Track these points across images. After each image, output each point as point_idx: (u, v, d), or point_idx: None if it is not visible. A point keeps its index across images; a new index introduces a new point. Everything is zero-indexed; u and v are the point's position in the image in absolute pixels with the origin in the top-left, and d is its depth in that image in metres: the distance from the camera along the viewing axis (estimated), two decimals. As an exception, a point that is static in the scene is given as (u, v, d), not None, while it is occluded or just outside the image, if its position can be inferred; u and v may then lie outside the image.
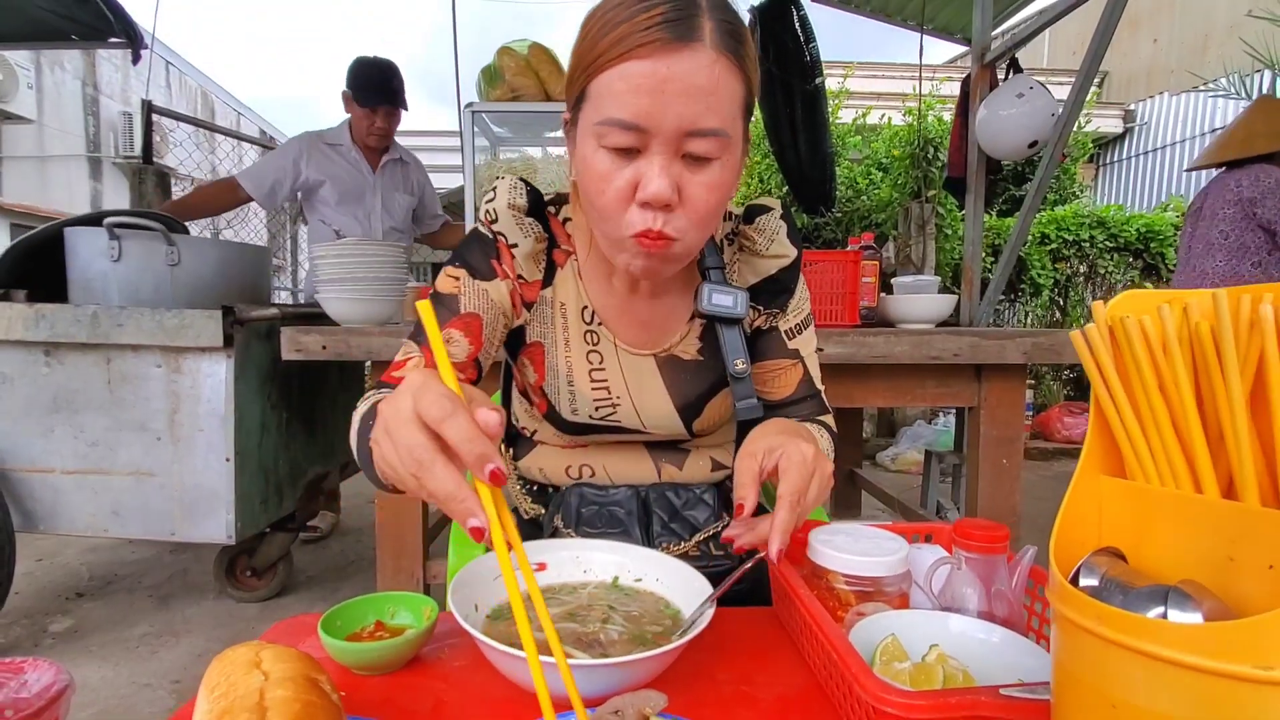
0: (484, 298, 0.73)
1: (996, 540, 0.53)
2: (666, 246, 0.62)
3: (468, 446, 0.40)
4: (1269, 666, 0.26)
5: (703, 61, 0.57)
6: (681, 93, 0.57)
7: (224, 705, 0.37)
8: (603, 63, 0.59)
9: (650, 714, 0.45)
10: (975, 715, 0.39)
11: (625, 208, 0.61)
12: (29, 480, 1.79)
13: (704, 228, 0.64)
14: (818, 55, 2.94)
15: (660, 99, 0.57)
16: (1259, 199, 2.18)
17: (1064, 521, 0.37)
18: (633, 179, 0.60)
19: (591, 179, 0.62)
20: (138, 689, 1.71)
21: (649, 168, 0.59)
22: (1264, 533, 0.30)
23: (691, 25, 0.57)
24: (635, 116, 0.57)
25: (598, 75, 0.59)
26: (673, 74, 0.57)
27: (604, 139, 0.60)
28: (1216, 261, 2.28)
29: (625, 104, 0.58)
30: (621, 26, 0.57)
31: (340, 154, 2.52)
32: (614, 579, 0.67)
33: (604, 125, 0.59)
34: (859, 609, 0.55)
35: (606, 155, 0.60)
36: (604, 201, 0.62)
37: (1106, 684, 0.30)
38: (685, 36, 0.57)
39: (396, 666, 0.57)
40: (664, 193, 0.59)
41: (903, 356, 1.63)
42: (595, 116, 0.60)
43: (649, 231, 0.61)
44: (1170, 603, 0.29)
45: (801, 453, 0.59)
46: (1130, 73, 8.85)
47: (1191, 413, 0.33)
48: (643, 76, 0.57)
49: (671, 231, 0.61)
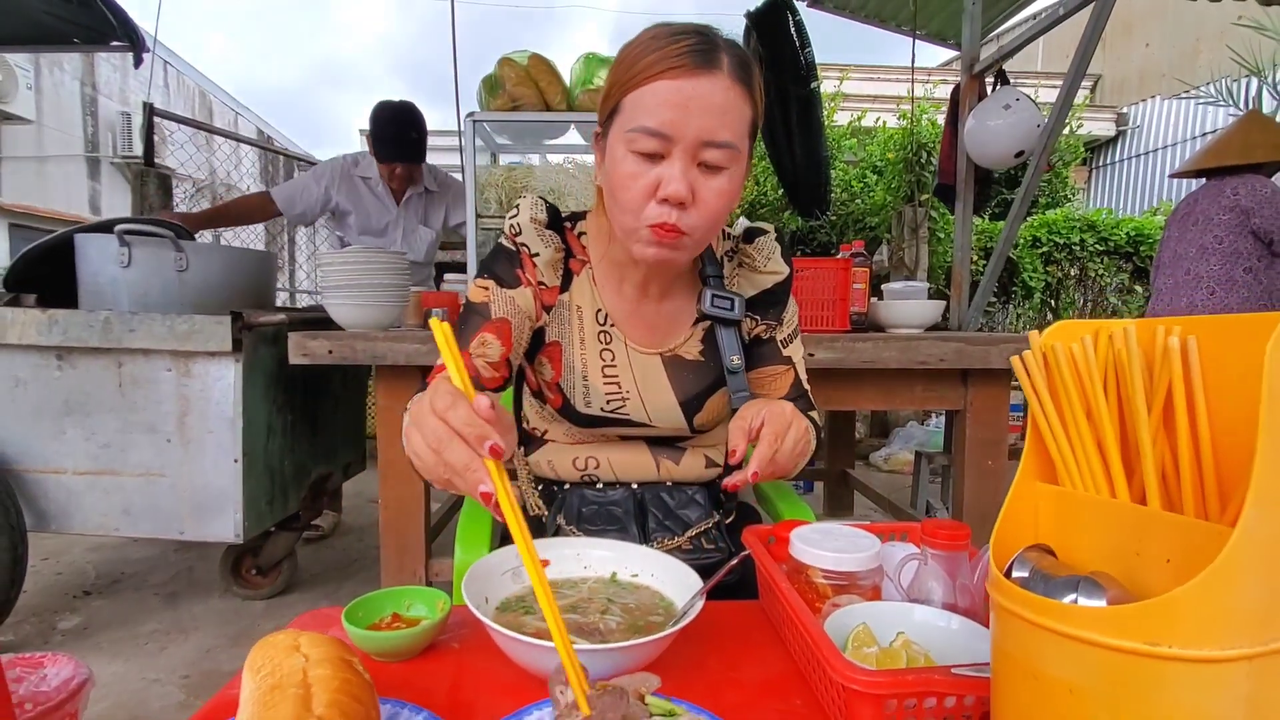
0: (511, 304, 0.83)
1: (959, 539, 0.59)
2: (678, 238, 0.72)
3: (468, 429, 0.47)
4: (1157, 643, 0.32)
5: (720, 85, 0.69)
6: (702, 109, 0.68)
7: (271, 682, 0.42)
8: (636, 81, 0.70)
9: (646, 693, 0.50)
10: (929, 690, 0.45)
11: (646, 203, 0.71)
12: (42, 481, 1.83)
13: (710, 227, 0.74)
14: (813, 60, 2.98)
15: (684, 113, 0.68)
16: (1255, 209, 2.25)
17: (1004, 522, 0.42)
18: (655, 180, 0.70)
19: (620, 178, 0.72)
20: (148, 684, 1.76)
21: (670, 170, 0.70)
22: (1163, 532, 0.36)
23: (712, 56, 0.69)
24: (662, 125, 0.69)
25: (631, 92, 0.71)
26: (696, 93, 0.68)
27: (633, 144, 0.70)
28: (1211, 266, 2.34)
29: (654, 115, 0.69)
30: (654, 54, 0.70)
31: (369, 187, 2.56)
32: (612, 574, 0.73)
33: (634, 132, 0.70)
34: (834, 600, 0.60)
35: (634, 159, 0.71)
36: (628, 197, 0.72)
37: (1030, 659, 0.35)
38: (707, 64, 0.69)
39: (413, 654, 0.62)
40: (682, 192, 0.69)
41: (891, 361, 1.68)
42: (627, 125, 0.71)
43: (664, 224, 0.71)
44: (1081, 590, 0.35)
45: (782, 409, 0.72)
46: (1123, 76, 8.93)
47: (1108, 429, 0.38)
48: (670, 93, 0.68)
49: (684, 226, 0.71)
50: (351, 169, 2.55)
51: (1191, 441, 0.36)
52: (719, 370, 0.87)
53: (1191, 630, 0.31)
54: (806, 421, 0.74)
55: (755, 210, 4.82)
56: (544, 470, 0.93)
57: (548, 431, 0.93)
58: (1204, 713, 0.31)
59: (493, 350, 0.80)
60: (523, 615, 0.64)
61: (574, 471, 0.91)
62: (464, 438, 0.47)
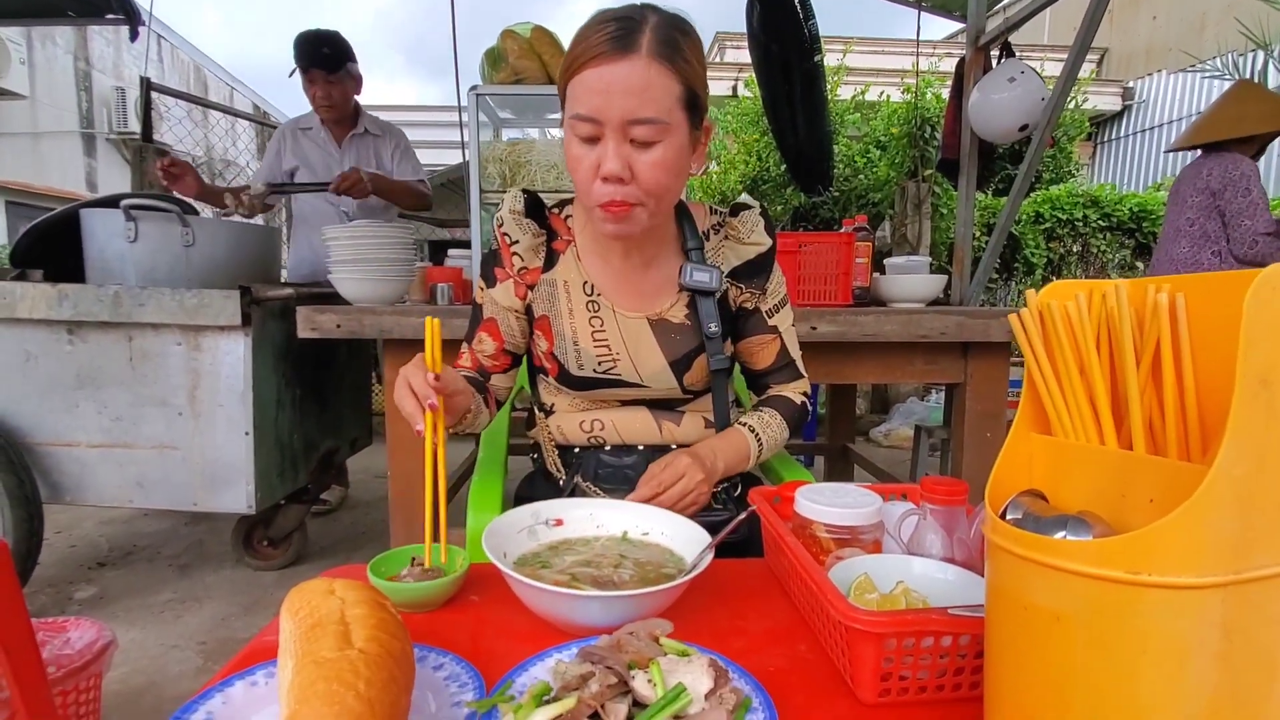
0: (494, 304, 0.96)
1: (956, 494, 0.61)
2: (627, 211, 0.80)
3: (420, 387, 0.70)
4: (1136, 571, 0.34)
5: (638, 67, 0.75)
6: (623, 91, 0.75)
7: (311, 621, 0.45)
8: (570, 72, 0.78)
9: (659, 635, 0.53)
10: (927, 630, 0.48)
11: (593, 183, 0.79)
12: (55, 453, 1.87)
13: (659, 196, 0.81)
14: (816, 33, 2.95)
15: (606, 97, 0.75)
16: (1221, 190, 2.23)
17: (999, 470, 0.45)
18: (596, 160, 0.78)
19: (570, 162, 0.81)
20: (166, 649, 1.81)
21: (605, 151, 0.77)
22: (1147, 474, 0.38)
23: (629, 40, 0.75)
24: (590, 111, 0.76)
25: (569, 81, 0.79)
26: (615, 77, 0.75)
27: (574, 130, 0.78)
28: (1181, 248, 2.34)
29: (584, 102, 0.76)
30: (581, 45, 0.77)
31: (310, 137, 2.54)
32: (623, 533, 0.76)
33: (573, 119, 0.78)
34: (838, 553, 0.63)
35: (577, 143, 0.79)
36: (578, 179, 0.81)
37: (1021, 591, 0.38)
38: (624, 49, 0.75)
39: (436, 605, 0.66)
40: (615, 169, 0.77)
41: (892, 335, 1.71)
42: (568, 114, 0.79)
43: (611, 202, 0.79)
44: (1069, 528, 0.38)
45: (676, 460, 0.85)
46: (1129, 50, 8.81)
47: (1099, 381, 0.41)
48: (594, 80, 0.75)
49: (630, 199, 0.79)
50: (294, 126, 2.55)
51: (1177, 391, 0.39)
52: (703, 335, 0.94)
53: (1170, 560, 0.33)
54: (700, 472, 0.85)
55: (757, 186, 4.80)
56: (556, 436, 1.01)
57: (554, 403, 1.01)
58: (1180, 636, 0.34)
59: (488, 346, 0.97)
60: (540, 569, 0.67)
61: (581, 435, 0.98)
62: (416, 395, 0.69)
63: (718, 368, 0.94)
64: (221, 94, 9.77)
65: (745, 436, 0.94)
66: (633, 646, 0.48)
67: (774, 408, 1.00)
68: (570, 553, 0.72)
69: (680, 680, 0.45)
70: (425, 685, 0.50)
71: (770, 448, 0.96)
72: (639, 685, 0.46)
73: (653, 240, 0.92)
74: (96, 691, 1.20)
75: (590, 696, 0.44)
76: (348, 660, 0.41)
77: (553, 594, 0.56)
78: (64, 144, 7.87)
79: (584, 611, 0.58)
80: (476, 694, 0.49)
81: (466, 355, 0.99)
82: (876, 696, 0.50)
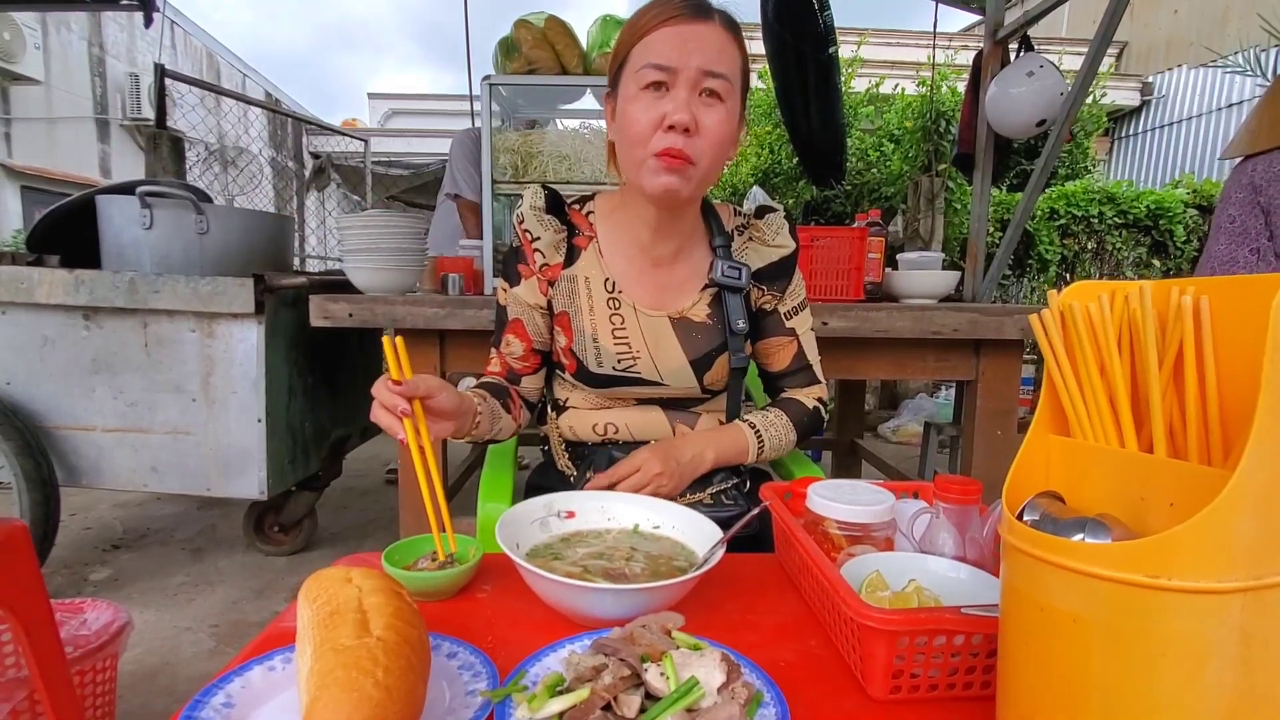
0: (519, 302, 0.96)
1: (970, 493, 0.61)
2: (685, 165, 0.79)
3: (386, 400, 0.69)
4: (1158, 576, 0.34)
5: (715, 30, 0.80)
6: (700, 46, 0.78)
7: (330, 609, 0.46)
8: (639, 33, 0.81)
9: (671, 628, 0.53)
10: (940, 628, 0.48)
11: (654, 133, 0.79)
12: (72, 437, 1.89)
13: (713, 158, 0.82)
14: (831, 24, 2.91)
15: (684, 48, 0.78)
16: (1264, 185, 2.19)
17: (1017, 471, 0.45)
18: (661, 113, 0.78)
19: (630, 116, 0.81)
20: (180, 631, 1.84)
21: (674, 100, 0.78)
22: (1167, 477, 0.38)
23: (705, 9, 0.81)
24: (665, 59, 0.78)
25: (637, 43, 0.81)
26: (694, 34, 0.79)
27: (642, 80, 0.79)
28: (1219, 245, 2.30)
29: (658, 53, 0.79)
30: (653, 10, 0.81)
31: None
32: (635, 526, 0.76)
33: (643, 69, 0.79)
34: (849, 550, 0.63)
35: (643, 96, 0.80)
36: (638, 130, 0.80)
37: (1038, 593, 0.38)
38: (702, 14, 0.80)
39: (450, 594, 0.66)
40: (685, 119, 0.78)
41: (904, 331, 1.70)
42: (636, 66, 0.80)
43: (671, 149, 0.78)
44: (1088, 530, 0.37)
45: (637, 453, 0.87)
46: (1149, 44, 8.66)
47: (1120, 383, 0.41)
48: (671, 35, 0.79)
49: (690, 152, 0.79)
50: None
51: (1199, 394, 0.38)
52: (726, 332, 0.94)
53: (1190, 564, 0.33)
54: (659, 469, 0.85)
55: (769, 179, 4.76)
56: (566, 434, 1.00)
57: (569, 399, 1.00)
58: (1199, 640, 0.34)
59: (516, 348, 0.98)
60: (552, 560, 0.68)
61: (594, 436, 0.98)
62: (386, 407, 0.69)
63: (737, 365, 0.95)
64: (234, 81, 9.78)
65: (743, 430, 0.94)
66: (645, 639, 0.49)
67: (781, 408, 1.00)
68: (582, 545, 0.72)
69: (693, 674, 0.46)
70: (440, 674, 0.51)
71: (773, 446, 0.96)
72: (651, 678, 0.46)
73: (680, 231, 0.92)
74: (113, 671, 1.22)
75: (604, 688, 0.44)
76: (366, 648, 0.42)
77: (566, 585, 0.57)
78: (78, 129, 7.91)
79: (597, 603, 0.58)
80: (490, 683, 0.50)
81: (495, 360, 0.99)
82: (887, 693, 0.50)
